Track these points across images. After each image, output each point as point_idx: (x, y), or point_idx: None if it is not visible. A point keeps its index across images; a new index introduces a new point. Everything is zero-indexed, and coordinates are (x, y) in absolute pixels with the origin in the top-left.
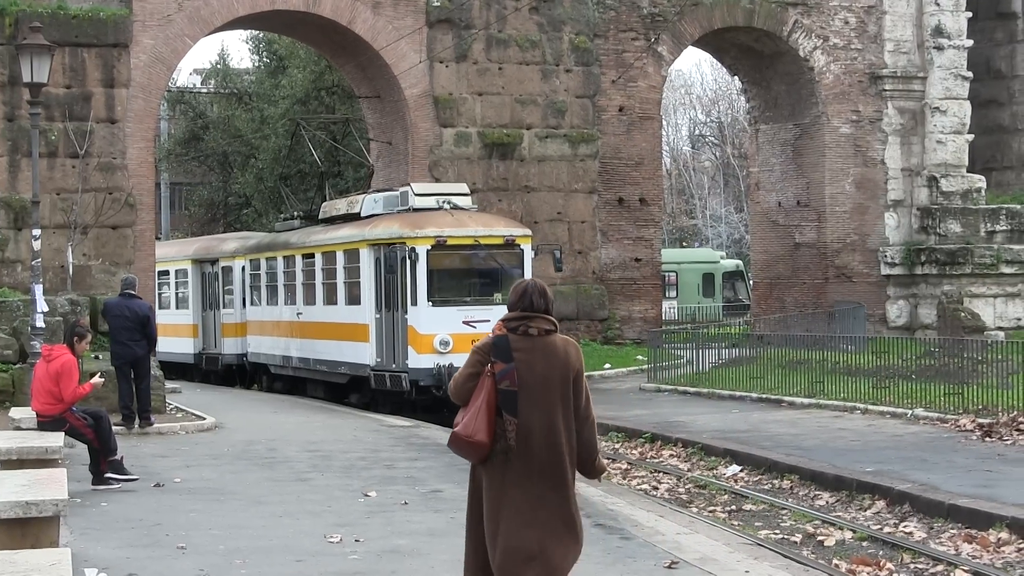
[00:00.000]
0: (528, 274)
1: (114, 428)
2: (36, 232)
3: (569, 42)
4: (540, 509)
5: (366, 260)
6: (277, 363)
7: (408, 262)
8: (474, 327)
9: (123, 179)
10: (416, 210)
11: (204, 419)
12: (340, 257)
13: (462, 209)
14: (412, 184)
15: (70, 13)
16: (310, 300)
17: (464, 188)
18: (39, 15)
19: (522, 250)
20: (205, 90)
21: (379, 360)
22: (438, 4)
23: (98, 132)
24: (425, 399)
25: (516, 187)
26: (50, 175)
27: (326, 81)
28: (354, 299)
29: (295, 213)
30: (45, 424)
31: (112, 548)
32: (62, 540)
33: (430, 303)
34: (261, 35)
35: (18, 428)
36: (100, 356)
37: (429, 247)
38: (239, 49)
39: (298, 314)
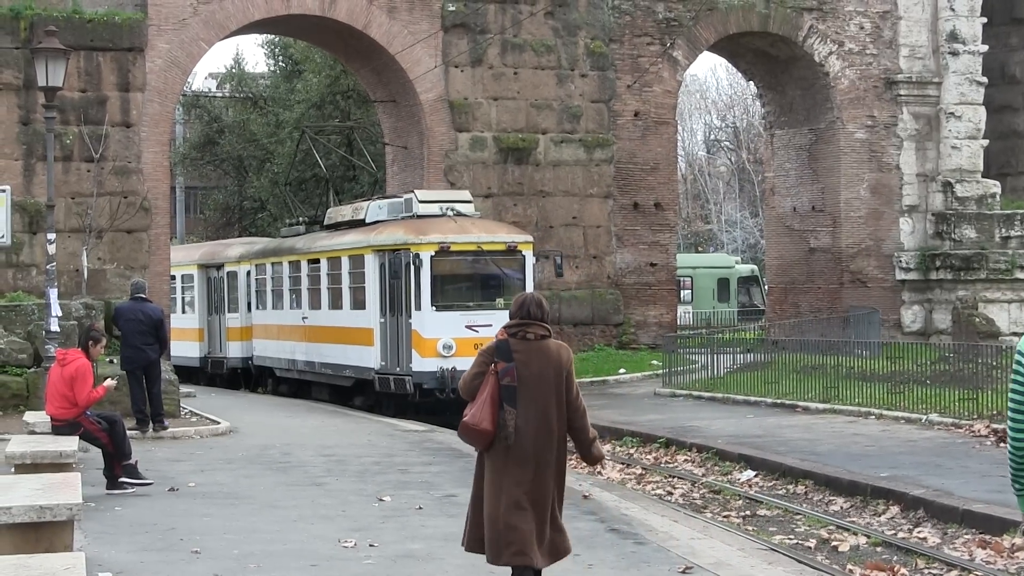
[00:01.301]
0: (530, 279)
1: (128, 432)
2: (51, 236)
3: (584, 47)
4: (537, 488)
5: (371, 265)
6: (282, 366)
7: (412, 268)
8: (477, 331)
9: (138, 183)
10: (420, 217)
11: (219, 423)
12: (345, 262)
13: (465, 216)
14: (416, 191)
15: (85, 17)
16: (315, 304)
17: (467, 195)
18: (54, 19)
19: (524, 256)
20: (220, 94)
21: (383, 363)
22: (453, 8)
23: (113, 136)
24: (429, 402)
25: (531, 192)
26: (65, 179)
27: (341, 85)
28: (359, 304)
29: (300, 219)
30: (60, 428)
31: (126, 552)
32: (76, 544)
33: (434, 308)
34: (276, 39)
35: (32, 432)
36: (114, 360)
37: (433, 253)
38: (254, 53)
39: (303, 318)
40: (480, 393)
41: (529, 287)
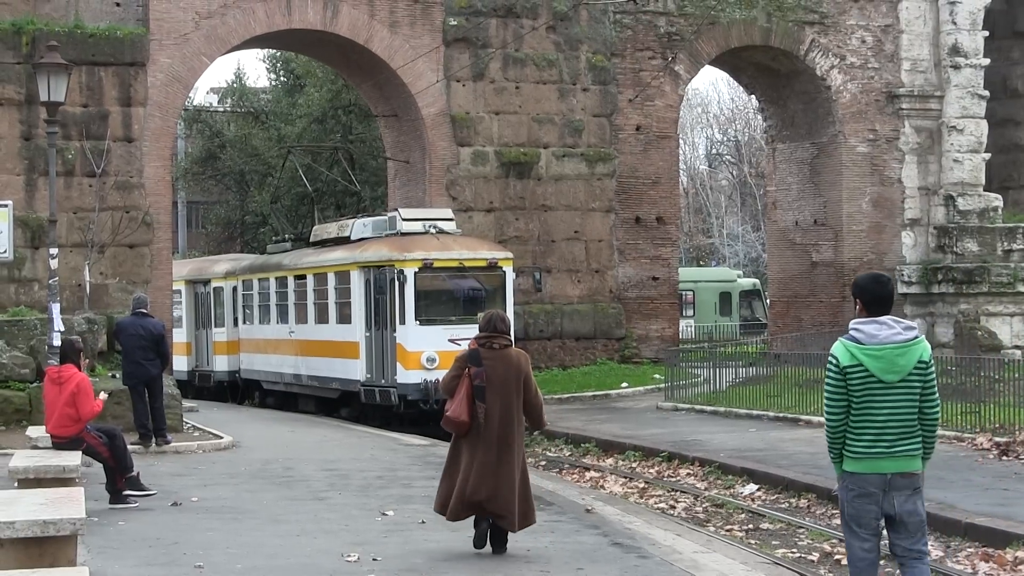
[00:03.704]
0: (510, 294)
1: (131, 447)
2: (53, 251)
3: (586, 61)
4: (499, 466)
5: (356, 281)
6: (269, 379)
7: (397, 283)
8: (459, 344)
9: (140, 198)
10: (404, 234)
11: (221, 438)
12: (331, 278)
13: (447, 233)
14: (400, 210)
15: (87, 32)
16: (302, 319)
17: (449, 213)
18: (56, 34)
19: (504, 272)
20: (222, 109)
21: (369, 376)
22: (455, 23)
23: (115, 151)
24: (413, 413)
25: (533, 206)
26: (67, 194)
27: (343, 100)
28: (345, 318)
29: (287, 236)
30: (62, 445)
31: (129, 567)
32: (79, 559)
33: (417, 322)
34: (278, 54)
35: (35, 447)
36: (116, 375)
37: (417, 269)
38: (256, 68)
39: (290, 332)
40: (458, 392)
41: (509, 302)
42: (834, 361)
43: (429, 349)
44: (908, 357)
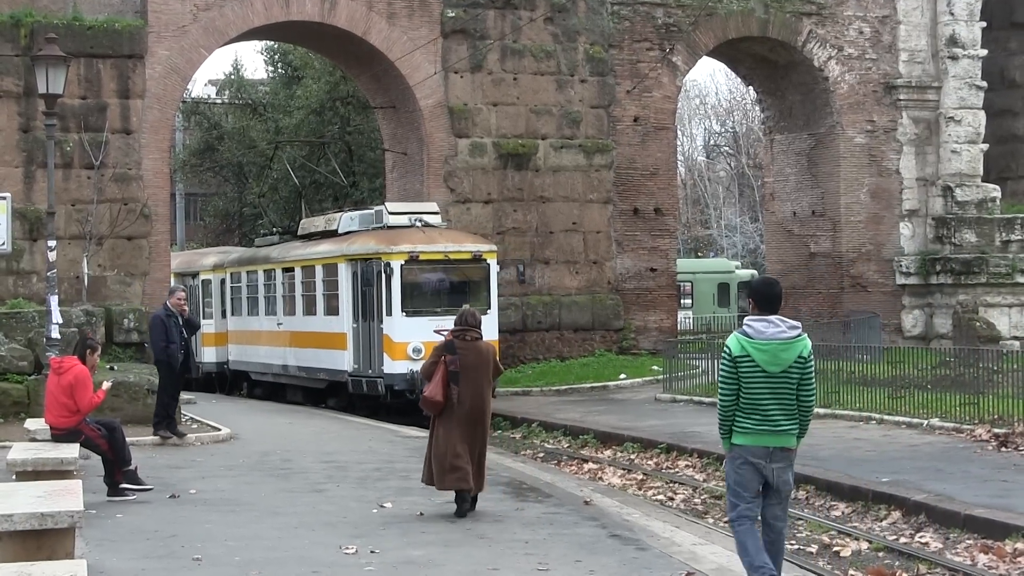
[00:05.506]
0: (494, 286)
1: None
2: (51, 243)
3: (584, 52)
4: (472, 440)
5: (344, 274)
6: (258, 370)
7: (384, 275)
8: (444, 335)
9: (138, 190)
10: (390, 227)
11: (219, 430)
12: (319, 271)
13: (432, 226)
14: (386, 203)
15: (85, 24)
16: (290, 311)
17: (434, 207)
18: (54, 26)
19: (488, 264)
20: (220, 101)
21: (356, 366)
22: (453, 15)
23: (113, 143)
24: (400, 402)
25: (531, 197)
26: (65, 186)
27: (341, 92)
28: (332, 310)
29: (274, 229)
30: (60, 436)
31: (127, 559)
32: (77, 551)
33: (404, 313)
34: (276, 46)
35: (34, 439)
36: (115, 367)
37: (403, 262)
38: (254, 60)
39: (279, 324)
40: (435, 376)
41: (493, 293)
42: (727, 352)
43: (415, 340)
44: (790, 352)
